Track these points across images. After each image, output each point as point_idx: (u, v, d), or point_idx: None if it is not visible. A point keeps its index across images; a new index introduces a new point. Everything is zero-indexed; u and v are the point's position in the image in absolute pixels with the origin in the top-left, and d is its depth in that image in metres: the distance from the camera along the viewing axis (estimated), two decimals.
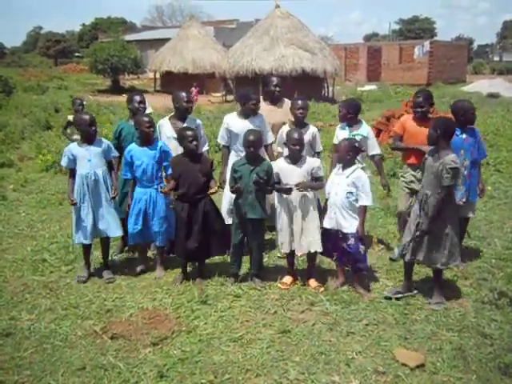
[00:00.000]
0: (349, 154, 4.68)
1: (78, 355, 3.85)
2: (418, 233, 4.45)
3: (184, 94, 5.52)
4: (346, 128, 5.60)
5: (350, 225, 4.65)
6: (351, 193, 4.63)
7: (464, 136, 5.13)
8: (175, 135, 5.31)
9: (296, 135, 4.74)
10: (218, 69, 26.99)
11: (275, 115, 5.83)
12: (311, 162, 4.83)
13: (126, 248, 5.89)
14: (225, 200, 5.59)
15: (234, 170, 4.93)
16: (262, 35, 24.18)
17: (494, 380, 3.50)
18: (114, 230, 5.19)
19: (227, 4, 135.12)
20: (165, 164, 5.19)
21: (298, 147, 4.71)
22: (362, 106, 6.14)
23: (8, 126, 14.22)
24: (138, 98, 5.69)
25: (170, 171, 5.14)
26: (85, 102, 8.45)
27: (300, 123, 5.36)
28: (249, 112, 5.50)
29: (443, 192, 4.35)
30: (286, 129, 5.38)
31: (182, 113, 5.55)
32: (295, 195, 4.75)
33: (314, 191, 4.91)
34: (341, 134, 5.55)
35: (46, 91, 26.56)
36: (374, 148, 5.65)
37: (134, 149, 5.17)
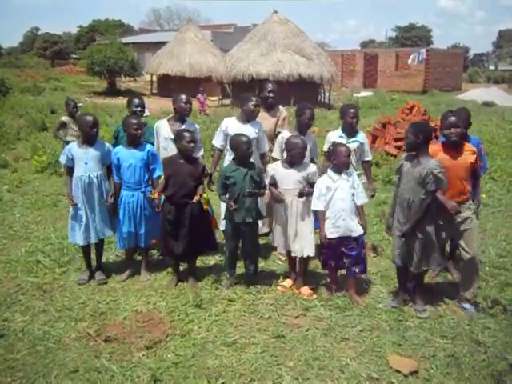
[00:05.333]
0: (348, 158, 4.69)
1: (71, 358, 3.84)
2: (398, 233, 4.47)
3: (183, 96, 5.52)
4: (344, 135, 5.62)
5: (357, 227, 4.67)
6: (353, 195, 4.67)
7: None
8: (172, 136, 5.24)
9: (298, 141, 4.75)
10: (214, 73, 27.08)
11: (268, 123, 5.86)
12: (308, 168, 4.84)
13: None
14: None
15: (225, 177, 4.85)
16: (260, 40, 24.24)
17: None
18: (105, 232, 5.18)
19: (225, 8, 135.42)
20: (152, 167, 5.13)
21: (299, 153, 4.73)
22: (359, 112, 6.01)
23: (3, 126, 14.16)
24: (136, 101, 5.71)
25: (156, 175, 5.11)
26: (80, 104, 8.44)
27: (305, 130, 5.47)
28: (249, 114, 5.47)
29: (429, 197, 4.31)
30: (286, 135, 5.41)
31: (180, 114, 5.53)
32: (291, 198, 4.76)
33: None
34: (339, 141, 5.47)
35: (43, 92, 26.49)
36: (368, 154, 5.81)
37: (120, 151, 5.11)
